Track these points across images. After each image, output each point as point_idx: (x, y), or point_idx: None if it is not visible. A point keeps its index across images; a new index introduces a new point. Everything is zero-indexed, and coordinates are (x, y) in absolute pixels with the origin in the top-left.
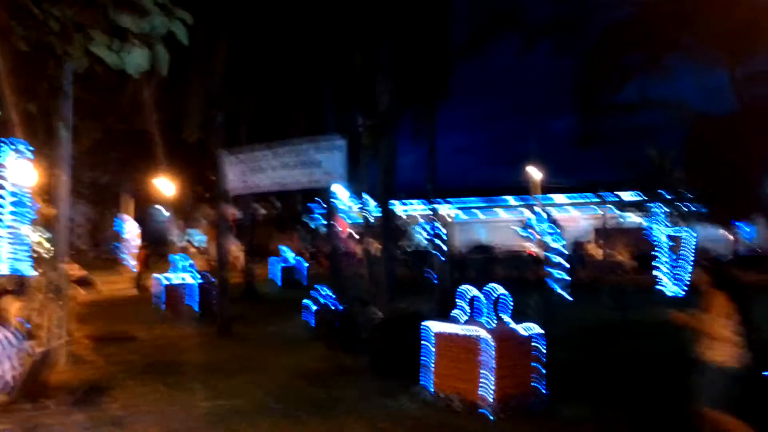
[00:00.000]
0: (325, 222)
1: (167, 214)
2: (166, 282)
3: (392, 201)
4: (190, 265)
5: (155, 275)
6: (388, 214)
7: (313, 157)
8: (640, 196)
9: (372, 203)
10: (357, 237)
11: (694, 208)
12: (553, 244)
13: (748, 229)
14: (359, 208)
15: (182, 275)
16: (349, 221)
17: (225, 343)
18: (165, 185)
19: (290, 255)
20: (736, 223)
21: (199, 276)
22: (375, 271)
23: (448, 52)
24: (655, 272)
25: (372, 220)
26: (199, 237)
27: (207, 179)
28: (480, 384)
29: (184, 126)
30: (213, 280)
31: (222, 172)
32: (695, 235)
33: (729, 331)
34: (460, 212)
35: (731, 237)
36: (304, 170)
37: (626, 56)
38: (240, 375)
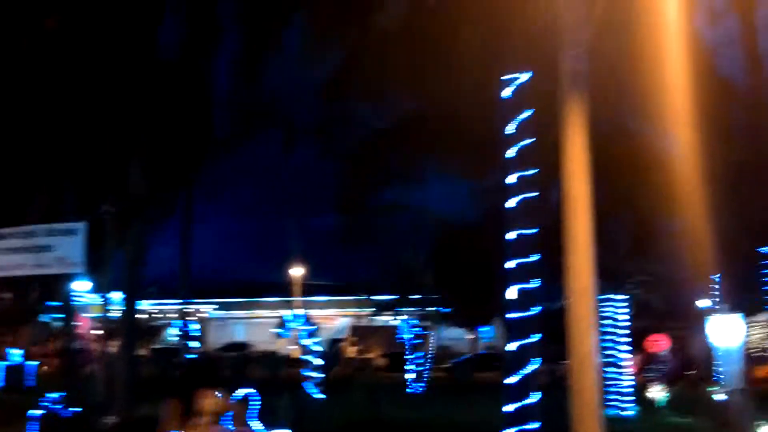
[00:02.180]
0: (63, 317)
1: None
2: None
3: (140, 296)
4: None
5: None
6: (131, 310)
7: (44, 241)
8: (394, 297)
9: (117, 298)
10: (99, 334)
11: (440, 311)
12: (309, 343)
13: (487, 330)
14: (102, 303)
15: None
16: (92, 317)
17: None
18: None
19: (16, 354)
20: (478, 326)
21: None
22: (114, 373)
23: (204, 142)
24: (403, 371)
25: (117, 316)
26: None
27: None
28: None
29: None
30: None
31: None
32: (439, 335)
33: None
34: (216, 310)
35: (473, 338)
36: (33, 255)
37: (384, 163)
38: None
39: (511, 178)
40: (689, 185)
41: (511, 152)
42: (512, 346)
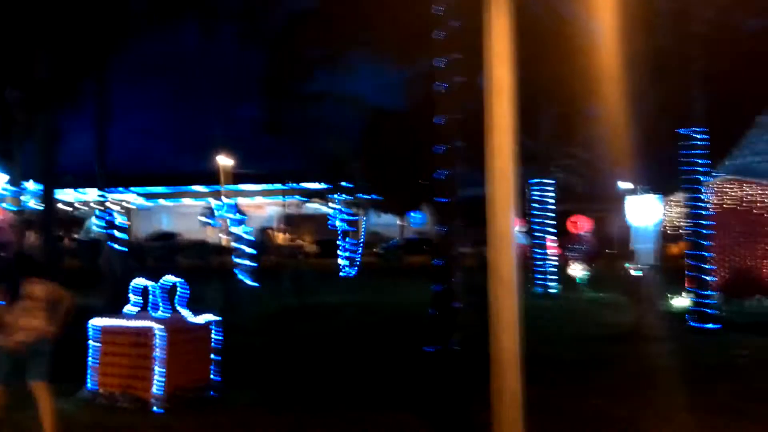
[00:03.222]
0: None
1: None
2: None
3: (56, 185)
4: None
5: None
6: (49, 201)
7: None
8: (323, 185)
9: (34, 188)
10: (19, 225)
11: (370, 197)
12: (238, 231)
13: (417, 217)
14: (14, 193)
15: None
16: (9, 209)
17: None
18: None
19: None
20: (408, 212)
21: None
22: None
23: (116, 24)
24: (335, 257)
25: (34, 207)
26: None
27: None
28: (151, 378)
29: None
30: None
31: None
32: (370, 222)
33: None
34: (142, 199)
35: (403, 224)
36: None
37: (310, 49)
38: None
39: (439, 62)
40: (612, 70)
41: (438, 34)
42: (438, 229)
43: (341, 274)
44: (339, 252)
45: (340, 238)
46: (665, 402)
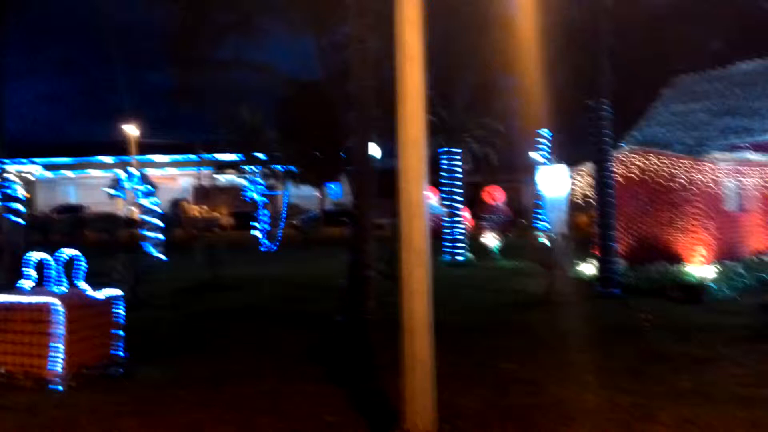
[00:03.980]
0: None
1: None
2: None
3: None
4: None
5: None
6: None
7: None
8: (238, 156)
9: None
10: None
11: (287, 169)
12: (147, 203)
13: (335, 188)
14: None
15: None
16: None
17: None
18: None
19: None
20: (326, 183)
21: None
22: None
23: None
24: (252, 230)
25: None
26: None
27: None
28: (49, 356)
29: None
30: None
31: None
32: (288, 194)
33: None
34: (44, 170)
35: (321, 196)
36: None
37: (220, 12)
38: None
39: (353, 29)
40: (526, 43)
41: (351, 1)
42: (353, 200)
43: (260, 248)
44: (256, 225)
45: (256, 210)
46: (572, 364)
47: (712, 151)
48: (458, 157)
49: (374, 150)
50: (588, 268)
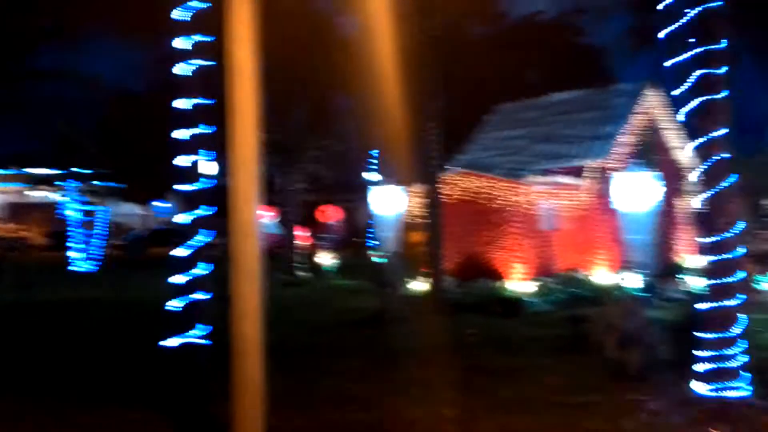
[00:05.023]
0: None
1: None
2: None
3: None
4: None
5: None
6: None
7: None
8: (54, 171)
9: None
10: None
11: (110, 185)
12: None
13: (163, 206)
14: None
15: None
16: None
17: None
18: None
19: None
20: (153, 201)
21: None
22: None
23: None
24: (68, 250)
25: None
26: None
27: None
28: None
29: None
30: None
31: None
32: (110, 212)
33: None
34: None
35: (147, 213)
36: None
37: (35, 18)
38: None
39: (185, 44)
40: (362, 65)
41: (183, 14)
42: (183, 219)
43: (75, 268)
44: (71, 244)
45: (72, 228)
46: (404, 380)
47: (528, 174)
48: (299, 177)
49: (210, 167)
50: (419, 286)
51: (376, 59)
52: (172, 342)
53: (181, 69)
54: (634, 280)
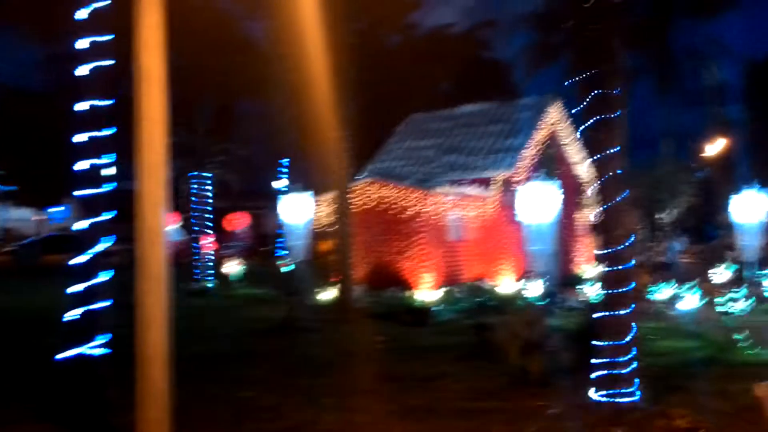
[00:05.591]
0: None
1: None
2: None
3: None
4: None
5: None
6: None
7: None
8: None
9: None
10: None
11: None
12: None
13: (59, 211)
14: None
15: None
16: None
17: None
18: None
19: None
20: (49, 205)
21: None
22: None
23: None
24: None
25: None
26: None
27: None
28: None
29: None
30: None
31: None
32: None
33: None
34: None
35: (41, 218)
36: None
37: None
38: None
39: (83, 43)
40: (273, 70)
41: (82, 14)
42: (81, 225)
43: None
44: None
45: None
46: (312, 388)
47: (438, 185)
48: (208, 182)
49: (109, 171)
50: (328, 295)
51: (288, 64)
52: (70, 353)
53: (79, 69)
54: (536, 290)
